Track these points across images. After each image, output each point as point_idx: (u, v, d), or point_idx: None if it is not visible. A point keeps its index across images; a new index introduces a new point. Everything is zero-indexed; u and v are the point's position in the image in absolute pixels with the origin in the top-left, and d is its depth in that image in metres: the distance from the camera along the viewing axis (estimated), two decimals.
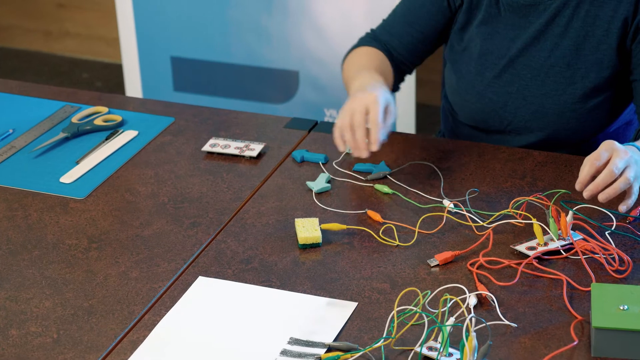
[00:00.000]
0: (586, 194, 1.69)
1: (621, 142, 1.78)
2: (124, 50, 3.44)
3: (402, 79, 2.14)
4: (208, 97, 3.38)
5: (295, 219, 1.76)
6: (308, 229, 1.73)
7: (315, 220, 1.75)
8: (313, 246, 1.72)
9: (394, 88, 2.11)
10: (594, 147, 1.83)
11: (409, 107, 3.20)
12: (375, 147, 1.79)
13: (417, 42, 2.07)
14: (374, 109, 1.79)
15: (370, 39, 2.10)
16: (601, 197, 1.67)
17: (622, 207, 1.68)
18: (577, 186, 1.70)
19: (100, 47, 4.23)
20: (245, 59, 3.30)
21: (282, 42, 3.24)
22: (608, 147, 1.70)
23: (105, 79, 4.14)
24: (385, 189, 1.86)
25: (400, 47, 2.07)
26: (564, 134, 2.00)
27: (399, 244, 1.72)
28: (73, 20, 4.24)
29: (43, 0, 4.25)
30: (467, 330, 1.46)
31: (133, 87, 3.48)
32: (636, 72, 1.91)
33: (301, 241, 1.72)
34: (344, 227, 1.75)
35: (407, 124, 3.22)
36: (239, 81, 3.33)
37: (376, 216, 1.78)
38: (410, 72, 2.14)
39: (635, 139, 1.92)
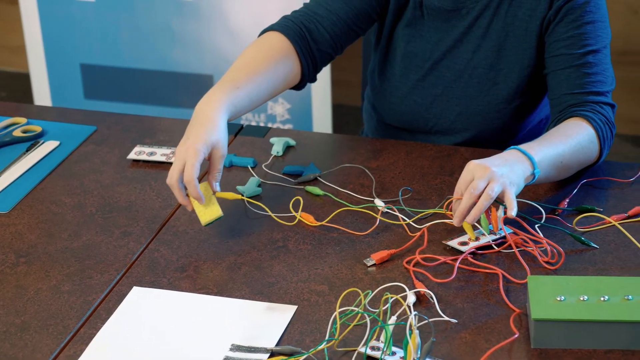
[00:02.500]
0: (455, 220, 1.68)
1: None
2: (30, 59, 3.37)
3: (318, 69, 2.00)
4: (121, 103, 3.33)
5: (190, 197, 1.72)
6: (206, 205, 1.71)
7: (209, 192, 1.73)
8: (216, 220, 1.72)
9: (308, 78, 1.99)
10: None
11: (325, 108, 3.20)
12: (201, 202, 1.73)
13: (352, 22, 1.97)
14: (187, 167, 1.71)
15: (286, 24, 1.96)
16: (468, 219, 1.67)
17: (511, 213, 1.67)
18: (455, 221, 1.68)
19: (4, 56, 4.14)
20: (157, 64, 3.26)
21: (194, 46, 3.21)
22: (469, 170, 1.69)
23: (10, 89, 4.05)
24: (316, 190, 1.85)
25: (335, 25, 1.96)
26: (488, 134, 2.02)
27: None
28: None
29: None
30: (410, 328, 1.46)
31: (41, 96, 3.41)
32: (548, 64, 1.94)
33: (203, 221, 1.72)
34: (239, 196, 1.78)
35: (324, 125, 3.22)
36: (152, 87, 3.30)
37: (309, 218, 1.78)
38: (327, 62, 2.01)
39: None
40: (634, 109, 3.62)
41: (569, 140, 1.81)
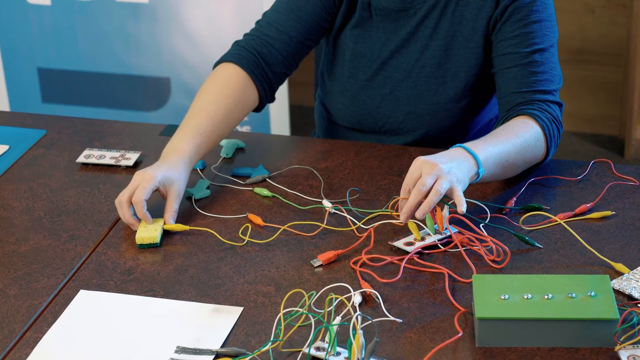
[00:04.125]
0: (402, 217, 1.68)
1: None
2: None
3: (274, 90, 2.03)
4: (79, 107, 3.32)
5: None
6: (148, 229, 1.73)
7: (160, 221, 1.75)
8: (151, 246, 1.73)
9: (267, 101, 2.02)
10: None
11: (282, 109, 3.21)
12: (148, 221, 1.76)
13: (304, 38, 2.00)
14: (139, 189, 1.76)
15: (240, 54, 1.99)
16: (418, 214, 1.67)
17: (461, 209, 1.68)
18: (402, 217, 1.69)
19: None
20: (114, 67, 3.25)
21: (151, 49, 3.20)
22: (416, 166, 1.70)
23: None
24: (264, 192, 1.86)
25: (287, 45, 1.99)
26: (438, 133, 2.03)
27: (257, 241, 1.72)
28: None
29: None
30: (354, 328, 1.47)
31: None
32: (496, 63, 1.95)
33: (138, 241, 1.72)
34: (187, 227, 1.76)
35: (281, 126, 3.22)
36: (110, 90, 3.29)
37: (257, 219, 1.78)
38: (283, 81, 2.05)
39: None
40: (591, 108, 3.65)
41: (515, 139, 1.82)
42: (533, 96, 1.89)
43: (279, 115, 3.21)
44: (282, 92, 3.18)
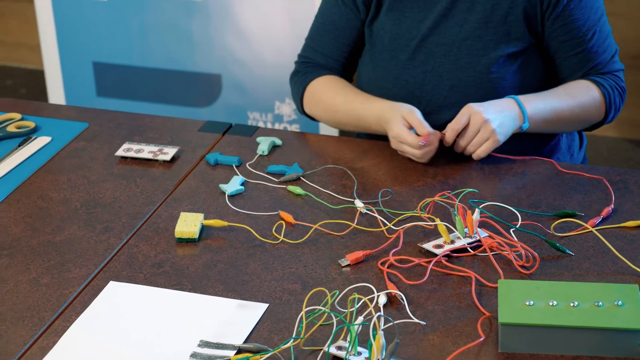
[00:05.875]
0: (457, 149, 1.93)
1: None
2: (45, 57, 3.41)
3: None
4: (131, 102, 3.36)
5: (181, 212, 1.76)
6: (188, 224, 1.74)
7: (200, 216, 1.76)
8: (189, 241, 1.74)
9: None
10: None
11: None
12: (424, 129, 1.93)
13: (347, 53, 2.12)
14: (411, 116, 1.96)
15: (313, 68, 2.12)
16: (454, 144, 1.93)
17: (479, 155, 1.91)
18: (446, 143, 1.93)
19: (23, 54, 4.19)
20: (166, 63, 3.28)
21: (203, 45, 3.23)
22: (464, 114, 1.91)
23: (29, 86, 4.09)
24: (297, 190, 1.86)
25: (337, 64, 2.13)
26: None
27: (287, 241, 1.73)
28: None
29: None
30: (375, 328, 1.47)
31: (56, 93, 3.44)
32: (560, 51, 2.02)
33: (177, 235, 1.73)
34: (225, 223, 1.76)
35: (331, 127, 3.22)
36: (162, 85, 3.32)
37: (288, 217, 1.79)
38: (350, 81, 2.18)
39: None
40: None
41: (570, 100, 1.97)
42: (595, 71, 2.02)
43: None
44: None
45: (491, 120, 1.90)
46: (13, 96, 3.97)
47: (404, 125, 1.92)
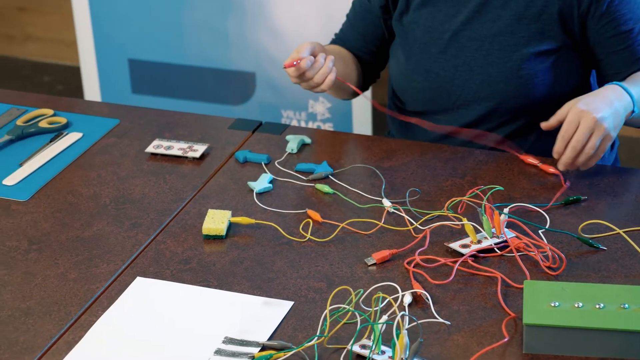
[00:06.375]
0: (560, 166, 1.85)
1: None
2: (81, 53, 3.44)
3: (371, 81, 2.22)
4: (166, 99, 3.38)
5: (209, 209, 1.77)
6: (215, 221, 1.75)
7: (227, 213, 1.76)
8: (216, 238, 1.74)
9: (362, 88, 2.19)
10: (542, 116, 1.92)
11: (365, 108, 3.21)
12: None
13: (374, 47, 2.14)
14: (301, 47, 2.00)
15: (340, 43, 2.18)
16: (580, 165, 1.85)
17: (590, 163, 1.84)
18: (560, 167, 1.86)
19: (60, 50, 4.23)
20: (201, 60, 3.30)
21: (238, 43, 3.24)
22: (575, 115, 1.82)
23: (66, 82, 4.13)
24: (325, 188, 1.86)
25: (363, 58, 2.15)
26: (511, 102, 2.02)
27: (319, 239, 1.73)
28: (34, 24, 4.23)
29: (4, 4, 4.23)
30: (399, 328, 1.47)
31: (91, 90, 3.47)
32: (601, 52, 2.00)
33: (204, 231, 1.74)
34: (253, 221, 1.77)
35: (364, 125, 3.22)
36: (196, 83, 3.34)
37: (316, 215, 1.79)
38: (378, 76, 2.22)
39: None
40: None
41: None
42: None
43: (361, 115, 3.22)
44: (366, 92, 3.17)
45: (604, 118, 1.83)
46: (50, 93, 4.01)
47: (297, 51, 2.00)
